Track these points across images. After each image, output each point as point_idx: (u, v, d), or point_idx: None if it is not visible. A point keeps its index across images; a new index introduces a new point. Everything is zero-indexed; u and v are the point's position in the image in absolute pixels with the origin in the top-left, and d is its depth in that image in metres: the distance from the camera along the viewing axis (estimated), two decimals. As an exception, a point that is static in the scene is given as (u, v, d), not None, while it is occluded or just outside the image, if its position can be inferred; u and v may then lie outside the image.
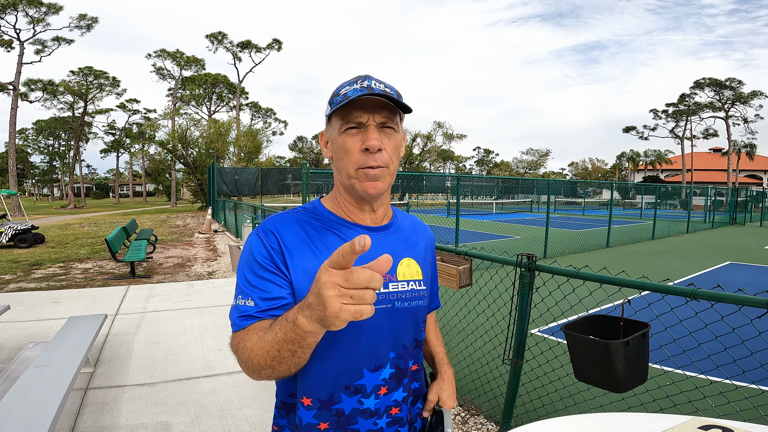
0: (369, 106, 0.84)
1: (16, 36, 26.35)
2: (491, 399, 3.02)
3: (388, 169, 0.88)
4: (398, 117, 0.90)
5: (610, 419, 1.04)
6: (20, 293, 5.98)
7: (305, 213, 0.94)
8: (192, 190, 30.72)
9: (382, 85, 0.86)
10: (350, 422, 0.91)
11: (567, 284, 2.30)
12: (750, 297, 1.50)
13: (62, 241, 11.85)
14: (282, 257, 0.85)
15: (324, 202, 0.97)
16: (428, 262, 1.04)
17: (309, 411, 0.89)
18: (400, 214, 1.06)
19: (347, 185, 0.89)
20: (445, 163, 64.01)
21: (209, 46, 39.81)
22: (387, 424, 0.94)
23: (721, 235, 15.35)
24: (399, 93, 0.89)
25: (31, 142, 46.33)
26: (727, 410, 2.46)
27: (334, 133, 0.89)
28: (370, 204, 0.93)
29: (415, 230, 1.05)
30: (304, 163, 5.53)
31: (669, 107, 44.09)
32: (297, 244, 0.87)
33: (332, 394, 0.89)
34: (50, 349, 2.78)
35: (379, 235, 0.95)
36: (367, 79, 0.86)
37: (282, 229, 0.89)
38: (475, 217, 22.52)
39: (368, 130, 0.84)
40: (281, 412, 0.96)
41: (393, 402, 0.94)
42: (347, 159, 0.86)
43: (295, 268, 0.85)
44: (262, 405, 2.95)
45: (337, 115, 0.87)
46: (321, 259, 0.86)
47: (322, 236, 0.89)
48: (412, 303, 0.95)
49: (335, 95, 0.88)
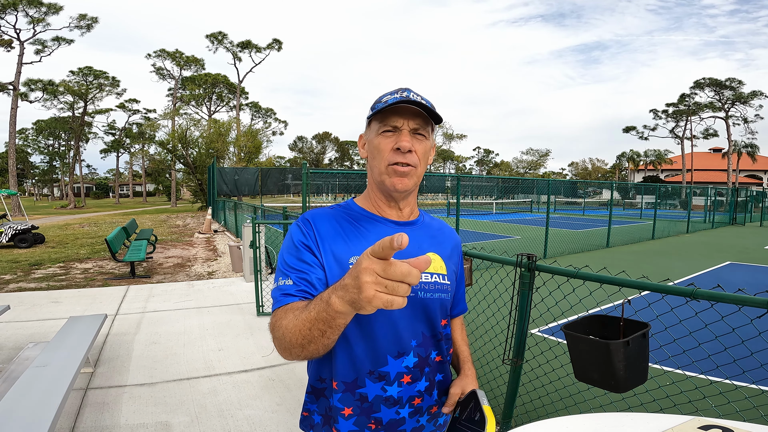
0: (405, 112, 0.94)
1: (16, 36, 26.35)
2: (491, 399, 3.02)
3: (416, 170, 0.97)
4: (430, 127, 0.99)
5: (610, 419, 1.04)
6: (20, 293, 5.98)
7: (340, 209, 1.05)
8: (192, 190, 30.71)
9: (419, 97, 0.96)
10: (373, 409, 0.95)
11: (567, 284, 2.30)
12: (750, 297, 1.50)
13: (62, 241, 11.85)
14: (316, 242, 0.95)
15: (357, 200, 1.08)
16: (454, 262, 1.10)
17: (336, 394, 0.95)
18: (428, 216, 1.15)
19: (378, 181, 0.99)
20: (445, 163, 64.04)
21: (209, 46, 39.84)
22: (409, 414, 0.98)
23: (721, 235, 15.35)
24: (433, 106, 0.98)
25: (31, 142, 46.31)
26: (727, 410, 2.47)
27: (371, 135, 0.99)
28: (397, 202, 1.02)
29: (442, 231, 1.13)
30: (304, 163, 5.53)
31: (669, 107, 44.10)
32: (330, 233, 0.97)
33: (357, 378, 0.94)
34: (50, 349, 2.78)
35: (405, 229, 1.03)
36: (407, 90, 0.96)
37: (317, 219, 1.00)
38: (475, 217, 22.52)
39: (402, 134, 0.94)
40: (311, 397, 1.02)
41: (416, 392, 0.98)
42: (380, 157, 0.96)
43: (326, 253, 0.94)
44: (262, 405, 2.95)
45: (376, 119, 0.97)
46: (350, 246, 0.96)
47: (352, 227, 1.00)
48: (435, 294, 1.01)
49: (377, 102, 0.98)
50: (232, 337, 4.28)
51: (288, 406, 2.94)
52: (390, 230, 1.01)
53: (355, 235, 0.98)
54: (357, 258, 0.93)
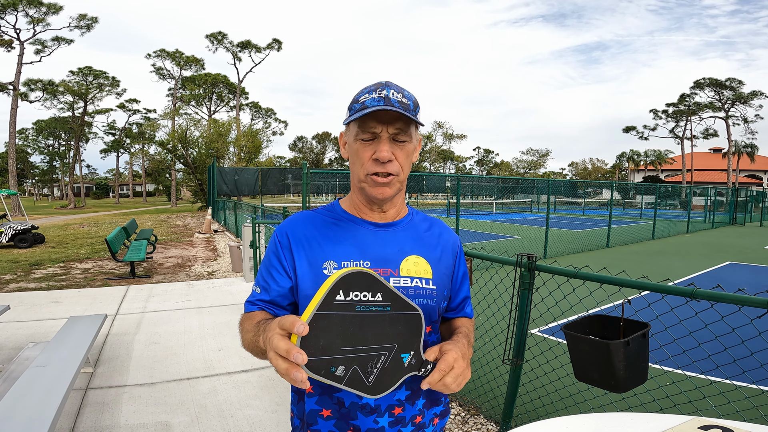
0: (384, 117, 0.88)
1: (16, 36, 26.34)
2: (491, 399, 3.02)
3: (398, 177, 0.93)
4: (412, 128, 0.93)
5: (610, 419, 1.04)
6: (20, 293, 5.98)
7: (324, 210, 1.04)
8: (192, 190, 30.69)
9: (401, 95, 0.89)
10: (350, 416, 0.92)
11: (567, 284, 2.30)
12: (750, 297, 1.50)
13: (62, 241, 11.85)
14: (290, 252, 0.96)
15: (341, 202, 1.06)
16: (445, 265, 1.04)
17: (311, 398, 0.95)
18: (419, 216, 1.09)
19: (358, 188, 0.98)
20: (445, 163, 64.03)
21: (209, 46, 39.82)
22: (389, 424, 0.93)
23: (721, 235, 15.35)
24: (416, 102, 0.94)
25: (31, 142, 46.28)
26: (727, 410, 2.47)
27: (350, 138, 0.95)
28: (379, 205, 0.99)
29: (432, 232, 1.06)
30: (304, 163, 5.53)
31: (669, 107, 44.09)
32: (306, 238, 0.97)
33: None
34: (50, 349, 2.78)
35: (387, 231, 1.00)
36: (386, 88, 0.89)
37: (295, 227, 0.99)
38: (475, 217, 22.51)
39: (381, 141, 0.89)
40: (294, 397, 1.02)
41: (396, 401, 0.93)
42: (359, 165, 0.93)
43: (300, 260, 0.95)
44: (262, 405, 2.95)
45: (354, 121, 0.91)
46: (326, 250, 0.95)
47: (331, 231, 0.99)
48: (415, 300, 0.94)
49: (355, 101, 0.92)
50: (232, 337, 4.28)
51: (288, 406, 2.94)
52: (368, 233, 0.98)
53: (331, 239, 0.96)
54: (331, 263, 0.93)
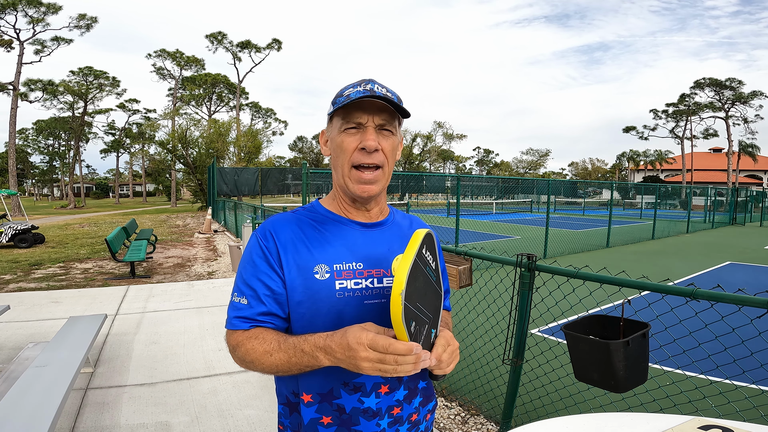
0: (369, 107, 0.88)
1: (16, 36, 26.33)
2: (491, 399, 3.02)
3: (383, 170, 0.92)
4: (397, 121, 0.94)
5: (610, 419, 1.04)
6: (20, 293, 5.98)
7: (304, 212, 0.99)
8: (192, 190, 30.69)
9: (384, 89, 0.90)
10: (352, 422, 0.91)
11: (567, 284, 2.30)
12: (750, 297, 1.50)
13: (62, 241, 11.85)
14: (277, 256, 0.90)
15: (322, 201, 1.03)
16: None
17: (310, 408, 0.91)
18: (399, 214, 1.09)
19: (341, 184, 0.94)
20: (445, 163, 64.01)
21: (209, 46, 39.77)
22: (389, 425, 0.93)
23: (721, 235, 15.35)
24: (400, 98, 0.93)
25: (31, 142, 46.27)
26: (727, 410, 2.47)
27: (334, 132, 0.93)
28: (364, 204, 0.98)
29: (414, 229, 1.05)
30: (304, 163, 5.53)
31: (669, 107, 44.07)
32: (292, 241, 0.92)
33: (332, 388, 0.91)
34: (50, 349, 2.78)
35: (374, 231, 0.99)
36: (370, 82, 0.90)
37: (279, 228, 0.94)
38: (475, 217, 22.51)
39: (367, 131, 0.89)
40: (285, 410, 0.98)
41: (395, 402, 0.94)
42: (344, 156, 0.90)
43: (288, 263, 0.90)
44: (262, 405, 2.95)
45: (338, 114, 0.91)
46: (314, 253, 0.91)
47: (317, 232, 0.94)
48: None
49: (339, 96, 0.92)
50: (232, 337, 4.28)
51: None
52: (357, 233, 0.96)
53: (319, 241, 0.92)
54: (323, 266, 0.89)
